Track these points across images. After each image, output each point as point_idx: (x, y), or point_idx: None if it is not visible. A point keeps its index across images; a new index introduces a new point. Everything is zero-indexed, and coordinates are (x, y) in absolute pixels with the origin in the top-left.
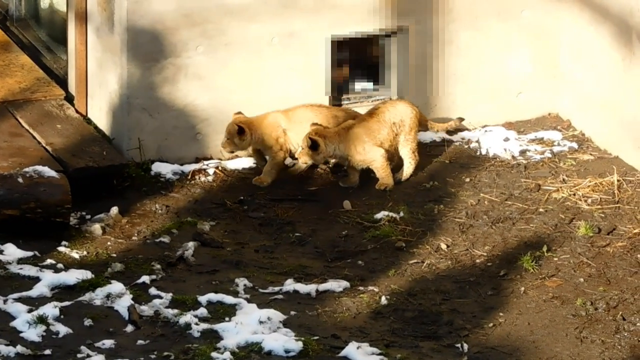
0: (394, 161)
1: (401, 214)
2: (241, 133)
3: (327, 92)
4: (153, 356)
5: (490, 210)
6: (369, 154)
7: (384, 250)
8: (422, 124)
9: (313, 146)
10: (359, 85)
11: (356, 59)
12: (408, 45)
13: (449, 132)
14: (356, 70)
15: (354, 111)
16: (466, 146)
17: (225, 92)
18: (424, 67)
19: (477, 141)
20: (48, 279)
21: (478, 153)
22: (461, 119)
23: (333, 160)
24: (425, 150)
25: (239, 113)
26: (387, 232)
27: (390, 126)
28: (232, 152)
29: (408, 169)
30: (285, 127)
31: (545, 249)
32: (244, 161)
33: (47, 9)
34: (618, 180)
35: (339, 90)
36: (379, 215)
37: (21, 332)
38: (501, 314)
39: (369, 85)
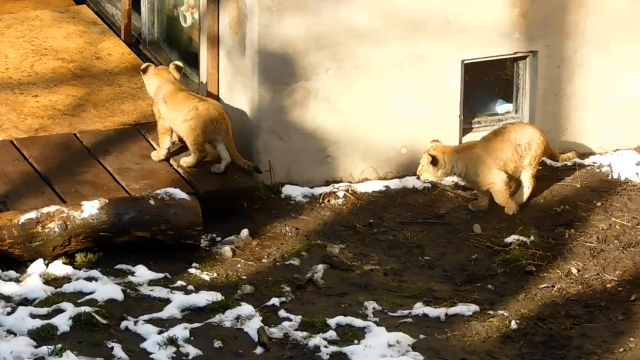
0: (511, 185)
1: (531, 237)
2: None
3: (459, 115)
4: None
5: (622, 235)
6: (487, 176)
7: (513, 274)
8: (548, 153)
9: (433, 162)
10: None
11: (488, 82)
12: (538, 69)
13: (580, 156)
14: (488, 93)
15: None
16: (597, 170)
17: (354, 115)
18: (554, 90)
19: (609, 165)
20: (178, 301)
21: (609, 177)
22: (576, 152)
23: (454, 179)
24: (556, 174)
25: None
26: (517, 256)
27: (516, 147)
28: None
29: (526, 193)
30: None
31: None
32: (374, 184)
33: (180, 32)
34: None
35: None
36: (509, 239)
37: (151, 353)
38: (632, 339)
39: (502, 108)
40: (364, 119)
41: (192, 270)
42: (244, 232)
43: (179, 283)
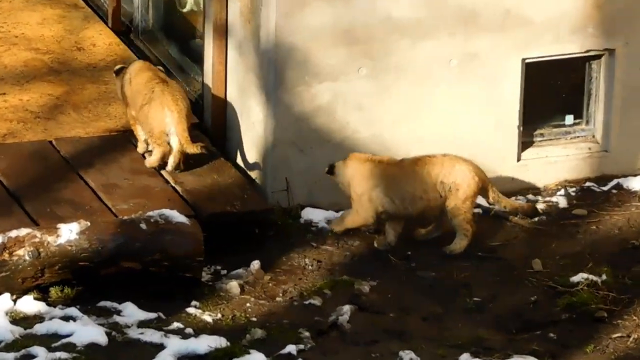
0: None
1: (603, 277)
2: None
3: (518, 127)
4: None
5: None
6: (356, 201)
7: (580, 321)
8: (484, 193)
9: (329, 171)
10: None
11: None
12: (614, 72)
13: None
14: (553, 100)
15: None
16: None
17: (390, 125)
18: (636, 99)
19: None
20: (174, 347)
21: None
22: (534, 208)
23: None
24: (632, 200)
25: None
26: (585, 299)
27: (436, 184)
28: None
29: (457, 243)
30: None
31: None
32: None
33: (180, 19)
34: None
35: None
36: (575, 278)
37: None
38: None
39: (568, 119)
40: (403, 129)
41: (191, 310)
42: (255, 265)
43: (175, 325)
